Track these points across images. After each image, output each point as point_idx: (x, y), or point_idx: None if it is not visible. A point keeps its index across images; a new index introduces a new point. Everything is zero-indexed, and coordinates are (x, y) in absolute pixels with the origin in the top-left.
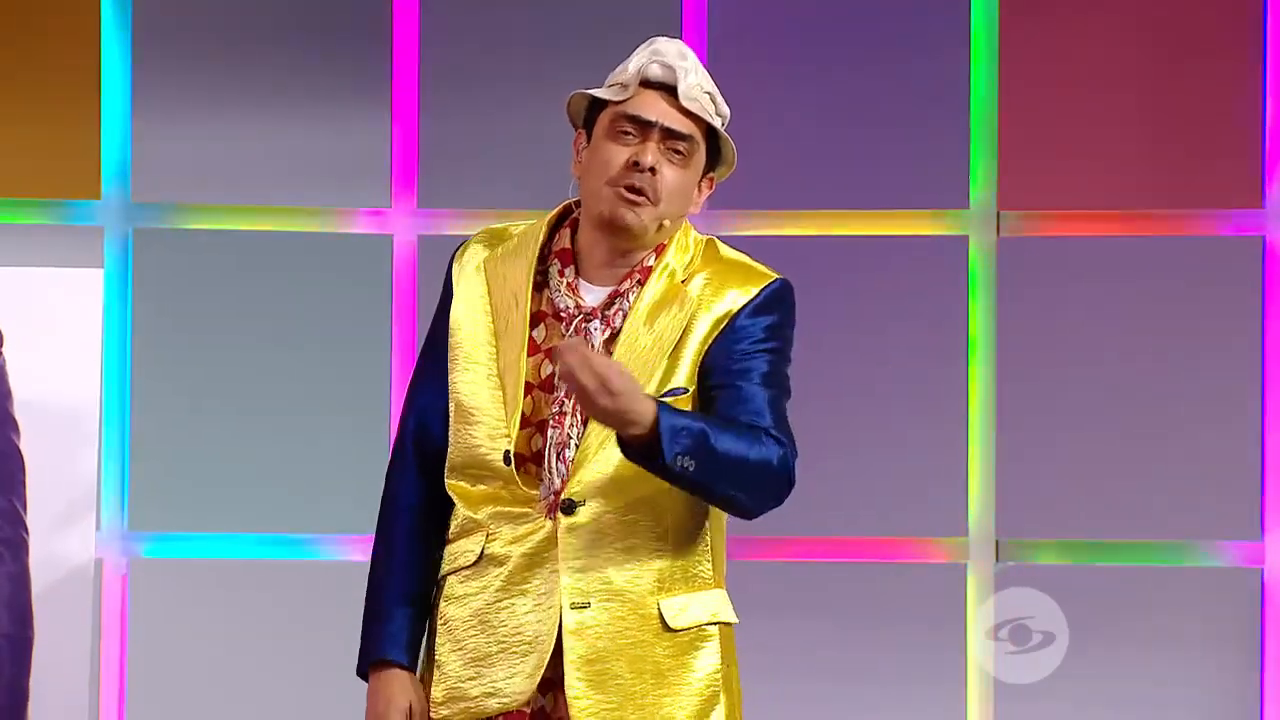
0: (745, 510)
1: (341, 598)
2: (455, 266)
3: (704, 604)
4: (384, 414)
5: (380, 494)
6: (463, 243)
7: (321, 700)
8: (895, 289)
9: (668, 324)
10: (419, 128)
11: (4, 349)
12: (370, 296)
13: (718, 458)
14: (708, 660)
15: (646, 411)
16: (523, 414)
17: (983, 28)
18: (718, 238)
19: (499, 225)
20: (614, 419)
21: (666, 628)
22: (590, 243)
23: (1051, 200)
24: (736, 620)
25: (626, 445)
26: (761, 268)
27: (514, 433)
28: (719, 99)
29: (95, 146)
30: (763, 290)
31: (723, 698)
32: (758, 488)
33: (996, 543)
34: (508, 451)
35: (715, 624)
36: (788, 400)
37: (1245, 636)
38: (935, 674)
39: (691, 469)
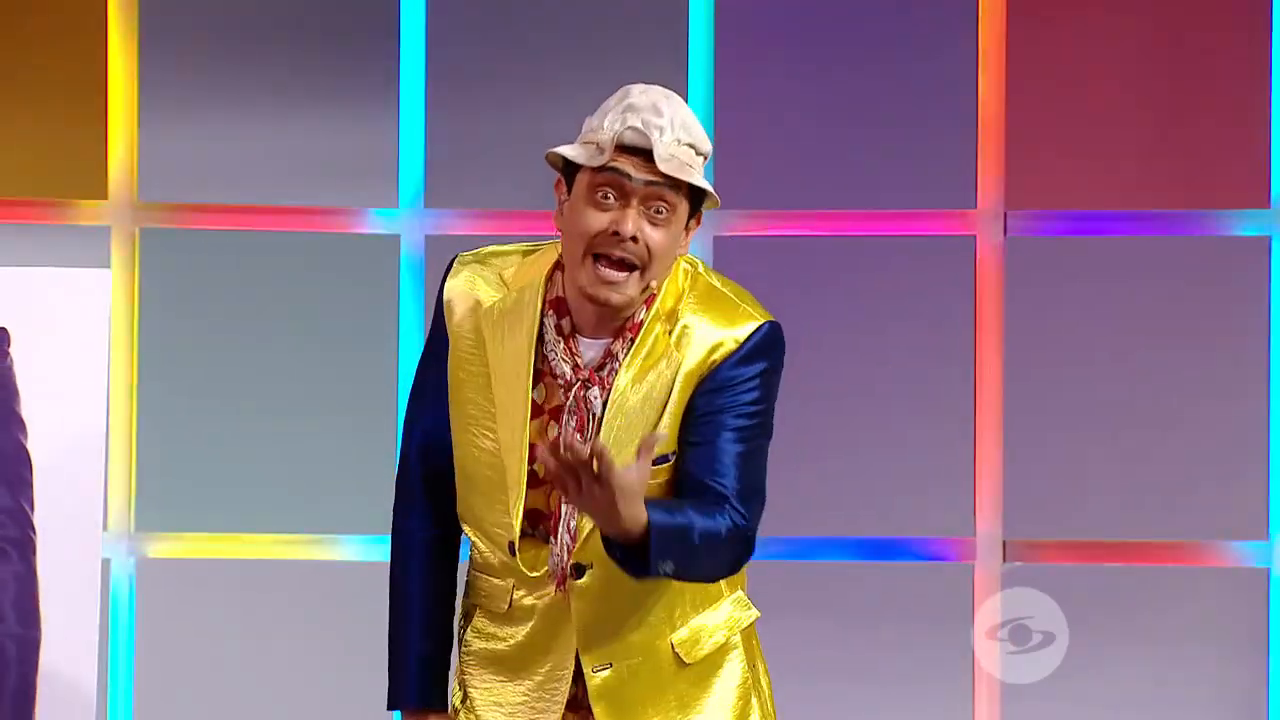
0: (707, 580)
1: (350, 597)
2: (448, 293)
3: (717, 624)
4: (391, 414)
5: (385, 494)
6: (453, 264)
7: (331, 700)
8: (902, 289)
9: (655, 381)
10: (426, 128)
11: (10, 349)
12: (377, 296)
13: (693, 551)
14: (731, 675)
15: (639, 518)
16: (531, 473)
17: (990, 28)
18: (712, 271)
19: (492, 250)
20: (610, 520)
21: (682, 664)
22: (575, 301)
23: (1058, 200)
24: (758, 614)
25: (610, 542)
26: (749, 308)
27: (516, 524)
28: (700, 140)
29: (102, 146)
30: (749, 339)
31: (755, 702)
32: (717, 566)
33: (1004, 543)
34: (512, 543)
35: (735, 634)
36: (767, 444)
37: (1253, 636)
38: (942, 674)
39: (669, 571)
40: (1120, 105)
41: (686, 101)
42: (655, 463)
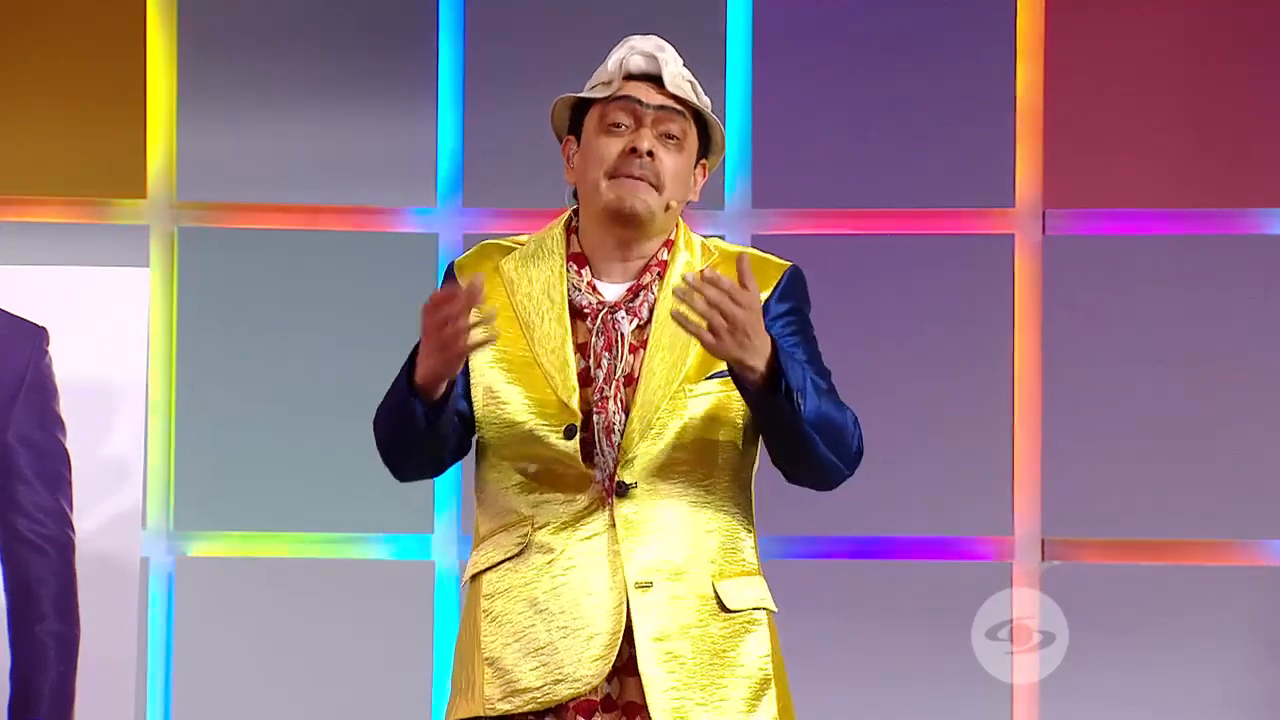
0: (830, 472)
1: (387, 596)
2: (460, 273)
3: (753, 589)
4: None
5: (422, 493)
6: (459, 258)
7: (367, 698)
8: (940, 287)
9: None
10: (464, 127)
11: (50, 348)
12: (415, 295)
13: (818, 401)
14: (759, 645)
15: (768, 340)
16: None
17: (1028, 25)
18: (723, 237)
19: (495, 240)
20: (760, 341)
21: (723, 608)
22: (597, 242)
23: (1097, 198)
24: (776, 609)
25: (740, 378)
26: (772, 257)
27: (576, 406)
28: (699, 87)
29: (141, 146)
30: (783, 277)
31: (774, 684)
32: (844, 446)
33: (1042, 541)
34: (571, 425)
35: (763, 610)
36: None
37: None
38: (980, 673)
39: (803, 404)
40: (1159, 102)
41: (725, 101)
42: (711, 377)
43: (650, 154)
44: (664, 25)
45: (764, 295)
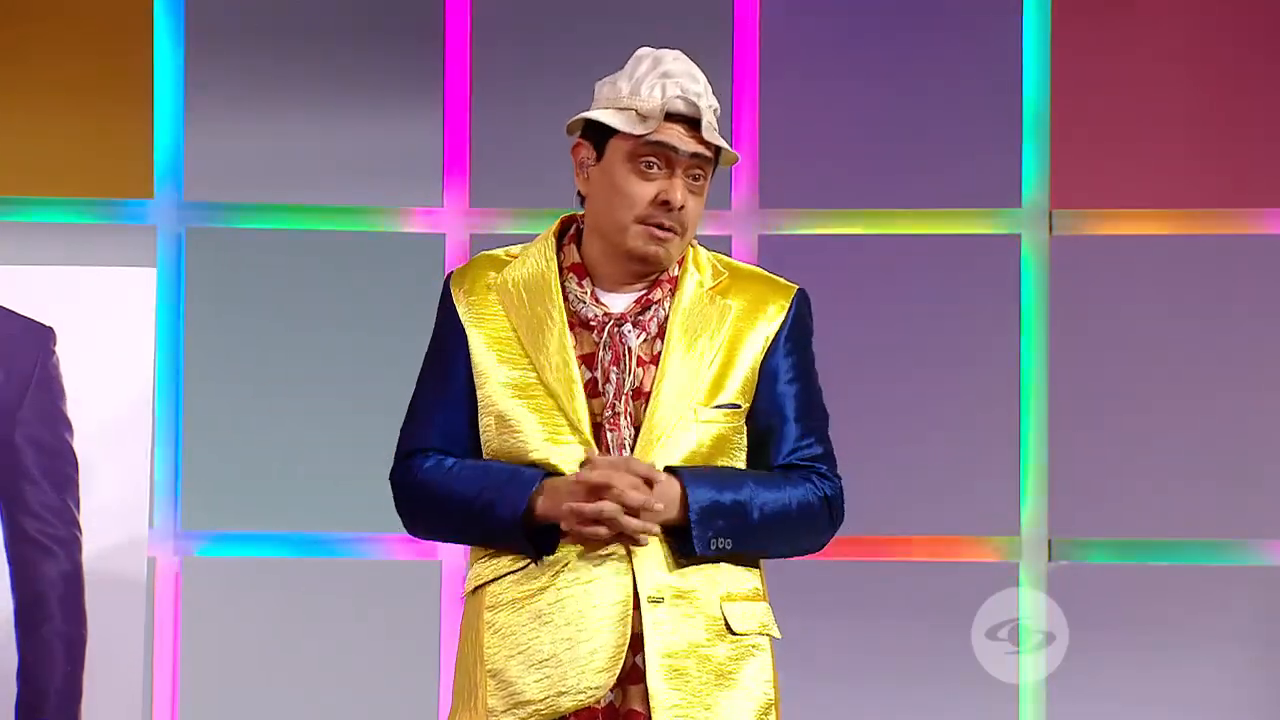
0: (797, 554)
1: (394, 597)
2: (456, 290)
3: (759, 614)
4: None
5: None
6: (456, 270)
7: (374, 698)
8: (948, 288)
9: (711, 330)
10: (471, 126)
11: (57, 348)
12: (422, 296)
13: (755, 527)
14: (762, 669)
15: (675, 498)
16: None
17: (1035, 26)
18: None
19: (493, 251)
20: (660, 516)
21: (729, 630)
22: (601, 260)
23: (1104, 199)
24: (780, 636)
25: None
26: (780, 279)
27: (588, 430)
28: (715, 101)
29: (148, 145)
30: (793, 302)
31: (773, 710)
32: (803, 537)
33: (1049, 541)
34: (586, 459)
35: (766, 636)
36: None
37: None
38: (987, 673)
39: (729, 548)
40: (1166, 103)
41: (732, 101)
42: (718, 406)
43: (681, 206)
44: (672, 25)
45: (774, 324)
